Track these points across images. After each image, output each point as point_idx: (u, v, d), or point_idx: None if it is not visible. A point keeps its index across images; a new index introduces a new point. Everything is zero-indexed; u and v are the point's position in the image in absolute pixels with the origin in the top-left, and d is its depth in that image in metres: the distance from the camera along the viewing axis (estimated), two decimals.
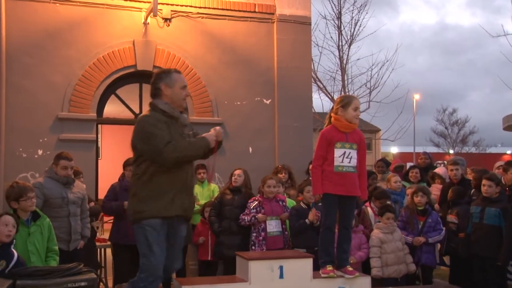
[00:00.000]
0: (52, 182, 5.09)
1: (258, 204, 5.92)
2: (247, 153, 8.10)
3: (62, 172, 5.12)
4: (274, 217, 5.92)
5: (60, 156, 5.18)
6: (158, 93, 3.90)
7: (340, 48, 15.20)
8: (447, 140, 41.63)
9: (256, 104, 8.25)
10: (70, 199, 5.12)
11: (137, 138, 3.77)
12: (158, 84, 3.89)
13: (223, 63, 8.11)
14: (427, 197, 6.10)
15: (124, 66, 7.57)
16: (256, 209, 5.87)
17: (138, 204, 3.68)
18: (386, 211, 5.87)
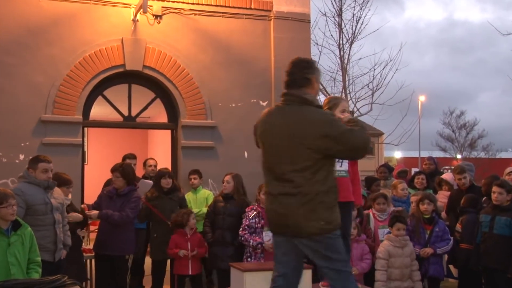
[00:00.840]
0: (32, 188, 5.00)
1: (257, 214, 5.91)
2: (243, 158, 8.09)
3: (42, 175, 5.05)
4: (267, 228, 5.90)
5: (38, 159, 5.11)
6: (305, 84, 3.62)
7: (340, 47, 15.22)
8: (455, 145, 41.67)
9: (252, 106, 8.24)
10: (54, 206, 5.07)
11: (329, 140, 3.41)
12: (310, 74, 3.65)
13: (217, 63, 8.10)
14: (433, 205, 6.10)
15: (112, 66, 7.55)
16: (255, 219, 5.87)
17: (329, 213, 3.49)
18: (397, 221, 5.85)
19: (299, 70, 3.66)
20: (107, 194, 5.91)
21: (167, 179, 6.47)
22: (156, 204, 6.38)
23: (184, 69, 7.87)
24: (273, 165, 3.59)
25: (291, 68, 3.69)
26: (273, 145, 3.59)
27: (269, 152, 3.62)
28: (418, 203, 6.12)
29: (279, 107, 3.67)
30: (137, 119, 8.11)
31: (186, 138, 7.85)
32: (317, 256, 3.53)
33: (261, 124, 3.71)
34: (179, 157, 7.91)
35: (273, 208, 3.60)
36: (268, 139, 3.62)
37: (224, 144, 8.03)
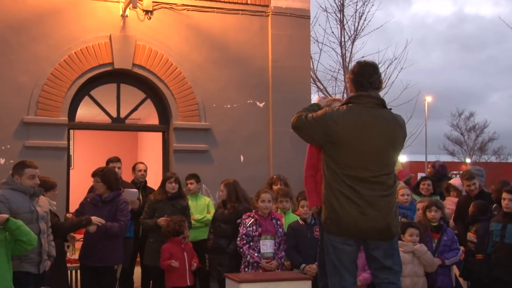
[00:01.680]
0: (17, 195, 4.96)
1: (254, 222, 5.94)
2: (238, 162, 8.08)
3: (29, 182, 5.02)
4: (269, 236, 5.93)
5: (24, 164, 5.08)
6: (380, 86, 3.92)
7: (342, 45, 15.23)
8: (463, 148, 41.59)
9: (248, 107, 8.24)
10: (39, 214, 5.05)
11: (402, 145, 3.96)
12: (380, 77, 3.92)
13: (212, 61, 8.10)
14: (441, 212, 6.09)
15: (100, 64, 7.54)
16: (252, 227, 5.90)
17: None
18: (409, 226, 5.84)
19: (375, 72, 3.90)
20: (90, 202, 5.86)
21: (172, 183, 6.51)
22: (158, 208, 6.41)
23: (176, 67, 7.86)
24: (361, 167, 3.73)
25: (363, 69, 3.89)
26: (364, 147, 3.73)
27: (358, 154, 3.74)
28: (424, 210, 6.11)
29: (367, 109, 3.81)
30: (126, 121, 8.10)
31: (178, 141, 7.84)
32: (388, 255, 3.89)
33: (347, 124, 3.77)
34: (171, 161, 7.90)
35: (361, 211, 3.73)
36: (359, 141, 3.75)
37: (219, 147, 8.02)
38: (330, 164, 3.80)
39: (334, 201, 3.77)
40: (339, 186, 3.76)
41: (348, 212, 3.75)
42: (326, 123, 3.79)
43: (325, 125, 3.78)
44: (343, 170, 3.75)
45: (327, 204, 3.84)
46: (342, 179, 3.75)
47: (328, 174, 3.82)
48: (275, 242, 5.93)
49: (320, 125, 3.81)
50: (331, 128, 3.77)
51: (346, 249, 3.82)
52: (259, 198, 6.01)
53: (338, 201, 3.76)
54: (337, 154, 3.77)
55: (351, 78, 3.90)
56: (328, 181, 3.83)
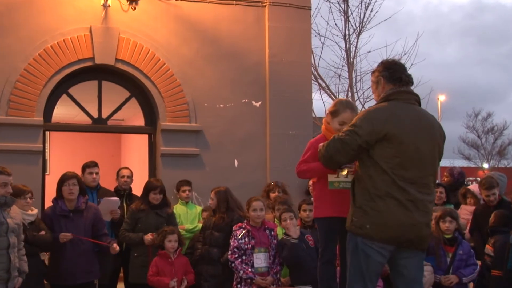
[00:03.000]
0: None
1: (246, 234, 5.93)
2: (232, 167, 8.07)
3: (0, 190, 5.01)
4: (263, 248, 5.91)
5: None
6: (411, 83, 4.17)
7: (346, 38, 15.25)
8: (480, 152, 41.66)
9: (243, 107, 8.23)
10: (10, 227, 5.00)
11: (443, 145, 4.21)
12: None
13: (203, 56, 8.09)
14: (456, 223, 6.08)
15: (79, 59, 7.52)
16: (244, 239, 5.90)
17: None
18: None
19: (404, 68, 4.14)
20: (59, 214, 5.80)
21: (157, 194, 6.51)
22: (140, 218, 6.41)
23: (163, 63, 7.85)
24: (411, 168, 3.88)
25: (396, 65, 4.14)
26: (415, 145, 3.90)
27: (409, 154, 3.89)
28: (438, 221, 6.10)
29: (410, 105, 4.03)
30: (108, 121, 8.07)
31: (166, 144, 7.83)
32: (420, 267, 4.10)
33: (397, 121, 3.92)
34: (158, 166, 7.88)
35: (409, 216, 3.86)
36: (410, 138, 3.90)
37: (211, 151, 8.01)
38: (379, 164, 3.90)
39: (380, 204, 3.87)
40: (389, 187, 3.87)
41: (395, 216, 3.86)
42: (372, 123, 3.92)
43: (371, 125, 3.92)
44: (394, 170, 3.88)
45: (367, 208, 3.92)
46: (393, 180, 3.87)
47: (375, 175, 3.91)
48: (269, 255, 5.92)
49: (364, 129, 3.92)
50: (380, 127, 3.90)
51: (378, 259, 3.94)
52: (250, 206, 6.00)
53: (385, 203, 3.86)
54: (389, 153, 3.89)
55: (385, 75, 4.10)
56: (371, 184, 3.92)
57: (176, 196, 7.46)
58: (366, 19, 15.05)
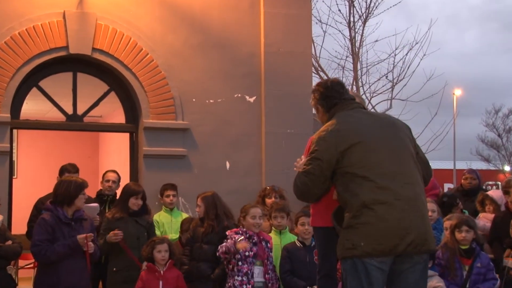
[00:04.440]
0: None
1: (244, 240, 5.95)
2: (223, 170, 8.06)
3: None
4: (258, 262, 5.91)
5: None
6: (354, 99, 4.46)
7: (351, 26, 15.26)
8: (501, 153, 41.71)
9: (235, 102, 8.22)
10: None
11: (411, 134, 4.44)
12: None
13: (191, 46, 8.08)
14: (473, 232, 6.10)
15: (51, 48, 7.50)
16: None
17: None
18: None
19: (345, 89, 4.39)
20: (62, 222, 5.78)
21: (139, 200, 6.50)
22: (118, 227, 6.37)
23: (146, 53, 7.84)
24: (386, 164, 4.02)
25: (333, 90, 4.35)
26: (381, 143, 4.07)
27: (378, 151, 4.04)
28: (453, 230, 6.12)
29: (359, 109, 4.30)
30: (84, 118, 8.06)
31: (149, 143, 7.81)
32: (424, 278, 4.16)
33: (353, 125, 4.12)
34: (141, 169, 7.87)
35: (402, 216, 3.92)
36: (374, 138, 4.08)
37: (199, 151, 8.00)
38: (355, 173, 3.99)
39: (369, 214, 3.91)
40: (373, 193, 3.93)
41: (388, 222, 3.91)
42: (326, 140, 4.08)
43: (327, 143, 4.07)
44: (371, 171, 3.98)
45: (356, 225, 3.95)
46: (375, 182, 3.94)
47: (355, 187, 3.98)
48: (266, 270, 5.95)
49: (322, 149, 4.06)
50: (336, 139, 4.05)
51: (379, 276, 3.95)
52: (248, 213, 6.02)
53: (373, 212, 3.92)
54: (358, 156, 4.00)
55: (323, 104, 4.33)
56: (355, 199, 3.97)
57: (160, 201, 7.45)
58: (373, 4, 15.08)
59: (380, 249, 3.89)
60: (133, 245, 6.32)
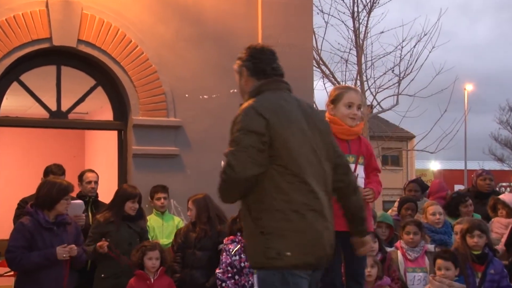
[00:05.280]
0: None
1: (241, 249, 5.94)
2: (218, 170, 7.96)
3: None
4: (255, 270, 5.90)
5: None
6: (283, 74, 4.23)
7: (355, 16, 15.29)
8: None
9: (231, 98, 8.22)
10: None
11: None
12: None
13: (183, 38, 8.09)
14: (486, 237, 6.12)
15: (33, 40, 7.49)
16: (238, 255, 5.92)
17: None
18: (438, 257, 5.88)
19: (275, 58, 4.25)
20: (43, 227, 5.77)
21: (135, 203, 6.53)
22: (110, 232, 6.39)
23: (136, 46, 7.84)
24: (315, 166, 3.82)
25: (264, 54, 4.21)
26: (310, 141, 3.86)
27: (306, 150, 3.82)
28: (464, 235, 6.13)
29: (285, 93, 4.02)
30: (69, 115, 8.05)
31: (139, 142, 7.82)
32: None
33: (284, 114, 3.83)
34: (130, 169, 7.87)
35: (327, 226, 3.80)
36: (310, 141, 3.86)
37: (193, 150, 7.99)
38: (287, 168, 3.73)
39: (300, 222, 3.69)
40: (305, 197, 3.73)
41: (317, 232, 3.74)
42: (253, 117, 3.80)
43: (258, 117, 3.78)
44: (304, 170, 3.75)
45: (284, 231, 3.68)
46: (306, 184, 3.74)
47: (284, 184, 3.71)
48: None
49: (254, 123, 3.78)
50: (266, 121, 3.75)
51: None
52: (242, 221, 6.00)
53: (305, 220, 3.70)
54: (290, 150, 3.75)
55: (248, 65, 4.12)
56: (281, 197, 3.71)
57: (150, 204, 7.45)
58: None
59: (307, 261, 3.72)
60: (124, 251, 6.32)
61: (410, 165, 37.75)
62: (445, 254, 5.93)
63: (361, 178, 4.72)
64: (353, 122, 4.77)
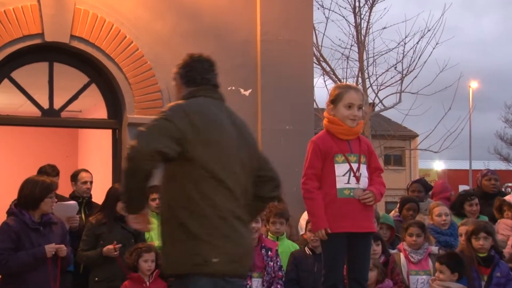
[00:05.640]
0: None
1: None
2: None
3: None
4: (256, 273, 5.92)
5: None
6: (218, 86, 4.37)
7: (357, 12, 15.28)
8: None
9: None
10: None
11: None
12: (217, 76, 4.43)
13: (180, 34, 8.08)
14: (492, 239, 6.11)
15: (24, 36, 7.49)
16: None
17: None
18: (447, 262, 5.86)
19: (212, 69, 4.36)
20: (29, 227, 5.75)
21: None
22: (102, 234, 6.39)
23: (131, 42, 7.83)
24: (238, 176, 3.87)
25: (198, 63, 4.34)
26: (236, 151, 3.91)
27: (230, 159, 3.86)
28: (469, 237, 6.13)
29: (216, 101, 4.16)
30: (62, 113, 8.06)
31: None
32: None
33: (211, 120, 3.90)
34: None
35: (249, 236, 3.89)
36: (236, 149, 3.91)
37: None
38: (212, 171, 3.75)
39: (226, 229, 3.72)
40: (230, 204, 3.77)
41: (242, 236, 3.80)
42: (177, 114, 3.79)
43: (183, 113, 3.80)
44: (224, 176, 3.79)
45: (210, 238, 3.69)
46: (230, 190, 3.78)
47: (210, 192, 3.73)
48: (263, 281, 5.93)
49: (175, 116, 3.78)
50: (189, 120, 3.78)
51: None
52: None
53: (232, 228, 3.74)
54: (218, 155, 3.79)
55: (181, 73, 4.23)
56: (207, 202, 3.72)
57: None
58: None
59: (235, 269, 3.74)
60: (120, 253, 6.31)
61: (413, 165, 37.78)
62: (442, 257, 5.93)
63: (365, 177, 4.72)
64: (353, 123, 4.77)
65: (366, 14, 15.33)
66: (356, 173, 4.67)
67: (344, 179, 4.65)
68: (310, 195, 4.69)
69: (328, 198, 4.65)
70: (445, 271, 5.80)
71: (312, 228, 4.97)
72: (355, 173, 4.67)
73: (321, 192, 4.66)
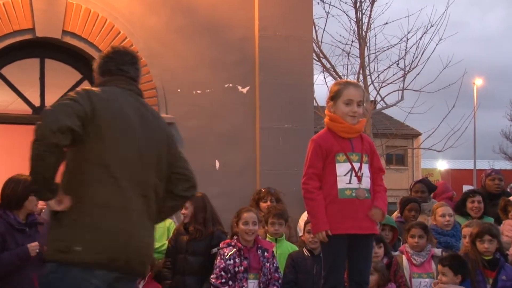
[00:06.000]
0: None
1: (236, 253, 5.94)
2: (212, 169, 8.05)
3: None
4: (252, 274, 5.93)
5: None
6: (137, 80, 4.28)
7: (358, 6, 15.28)
8: None
9: (226, 94, 8.21)
10: None
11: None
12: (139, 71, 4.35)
13: (175, 29, 8.08)
14: (497, 241, 6.10)
15: (14, 31, 7.48)
16: (233, 260, 5.91)
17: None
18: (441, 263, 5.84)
19: (133, 63, 4.25)
20: (15, 228, 5.74)
21: None
22: None
23: (125, 37, 7.83)
24: (136, 170, 3.88)
25: (117, 54, 4.22)
26: (138, 145, 3.92)
27: (128, 151, 3.88)
28: (474, 240, 6.12)
29: (131, 94, 4.09)
30: None
31: None
32: None
33: (115, 108, 3.88)
34: None
35: (131, 230, 3.78)
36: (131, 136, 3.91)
37: (185, 149, 7.78)
38: (94, 163, 3.75)
39: (97, 215, 3.69)
40: (110, 194, 3.75)
41: (115, 227, 3.72)
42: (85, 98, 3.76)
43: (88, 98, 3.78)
44: (118, 166, 3.80)
45: (77, 225, 3.67)
46: (116, 179, 3.77)
47: (90, 179, 3.73)
48: (259, 283, 5.93)
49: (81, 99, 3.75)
50: (94, 104, 3.77)
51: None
52: (240, 218, 6.01)
53: (103, 214, 3.70)
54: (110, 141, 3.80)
55: (99, 62, 4.17)
56: (87, 192, 3.72)
57: None
58: None
59: (99, 260, 3.66)
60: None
61: (416, 165, 37.80)
62: (445, 259, 5.92)
63: (367, 177, 4.72)
64: (353, 120, 4.76)
65: (367, 9, 15.36)
66: (358, 172, 4.67)
67: (346, 179, 4.66)
68: (310, 196, 4.69)
69: (328, 199, 4.65)
70: (448, 273, 5.80)
71: (313, 229, 4.96)
72: (357, 173, 4.67)
73: (322, 192, 4.66)
